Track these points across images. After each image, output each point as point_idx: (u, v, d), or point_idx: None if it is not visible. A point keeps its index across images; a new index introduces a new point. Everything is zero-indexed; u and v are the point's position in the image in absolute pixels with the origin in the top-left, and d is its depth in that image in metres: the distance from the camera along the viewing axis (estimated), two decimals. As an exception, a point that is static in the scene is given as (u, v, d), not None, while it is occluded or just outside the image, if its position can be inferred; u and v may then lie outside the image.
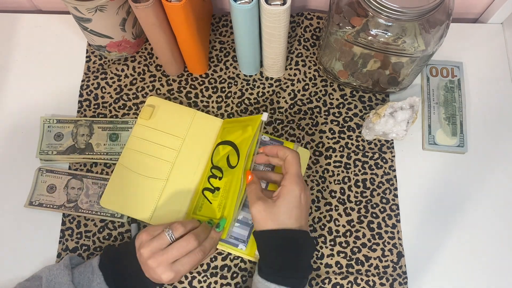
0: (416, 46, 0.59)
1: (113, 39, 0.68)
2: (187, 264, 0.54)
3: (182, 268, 0.54)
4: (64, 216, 0.65)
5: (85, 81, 0.73)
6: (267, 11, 0.57)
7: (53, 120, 0.69)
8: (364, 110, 0.71)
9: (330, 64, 0.69)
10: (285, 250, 0.53)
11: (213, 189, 0.63)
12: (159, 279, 0.53)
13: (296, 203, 0.54)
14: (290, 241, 0.54)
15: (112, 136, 0.69)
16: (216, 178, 0.63)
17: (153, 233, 0.55)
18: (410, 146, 0.69)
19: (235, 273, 0.63)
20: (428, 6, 0.54)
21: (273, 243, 0.54)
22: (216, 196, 0.62)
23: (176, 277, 0.54)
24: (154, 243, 0.54)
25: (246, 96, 0.72)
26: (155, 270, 0.53)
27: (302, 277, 0.54)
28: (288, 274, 0.53)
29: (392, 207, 0.66)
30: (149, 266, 0.53)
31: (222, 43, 0.75)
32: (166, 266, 0.53)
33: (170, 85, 0.72)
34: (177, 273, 0.53)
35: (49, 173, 0.67)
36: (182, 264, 0.54)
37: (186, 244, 0.54)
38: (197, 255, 0.54)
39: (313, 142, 0.69)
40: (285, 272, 0.53)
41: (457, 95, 0.71)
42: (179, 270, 0.53)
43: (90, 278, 0.55)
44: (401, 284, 0.62)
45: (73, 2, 0.60)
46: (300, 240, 0.54)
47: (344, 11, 0.60)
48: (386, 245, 0.64)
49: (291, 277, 0.53)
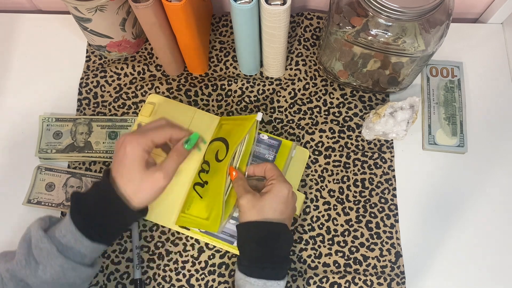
0: (416, 46, 0.59)
1: (113, 39, 0.68)
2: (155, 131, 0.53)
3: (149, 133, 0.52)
4: (63, 214, 0.66)
5: (85, 79, 0.73)
6: (267, 11, 0.57)
7: (52, 118, 0.69)
8: (364, 110, 0.71)
9: (330, 64, 0.69)
10: (265, 241, 0.54)
11: (202, 183, 0.63)
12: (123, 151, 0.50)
13: (283, 200, 0.55)
14: (271, 233, 0.55)
15: (111, 134, 0.69)
16: (205, 172, 0.64)
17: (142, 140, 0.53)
18: (410, 146, 0.69)
19: (233, 271, 0.63)
20: (428, 6, 0.54)
21: (255, 234, 0.54)
22: (206, 190, 0.62)
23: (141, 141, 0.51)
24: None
25: (246, 94, 0.72)
26: (123, 141, 0.51)
27: (279, 268, 0.55)
28: (266, 265, 0.54)
29: (391, 207, 0.66)
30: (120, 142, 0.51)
31: (222, 43, 0.75)
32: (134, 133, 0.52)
33: (170, 84, 0.72)
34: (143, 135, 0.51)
35: (48, 171, 0.67)
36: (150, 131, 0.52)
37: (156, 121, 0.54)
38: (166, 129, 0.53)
39: (312, 141, 0.69)
40: (263, 263, 0.54)
41: (457, 95, 0.71)
42: (146, 134, 0.52)
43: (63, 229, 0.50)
44: (399, 284, 0.62)
45: (73, 2, 0.60)
46: (280, 232, 0.55)
47: (344, 11, 0.60)
48: (384, 244, 0.64)
49: (269, 268, 0.53)
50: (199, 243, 0.64)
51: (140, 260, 0.63)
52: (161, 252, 0.64)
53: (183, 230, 0.64)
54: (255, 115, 0.61)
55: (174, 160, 0.53)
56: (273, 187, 0.56)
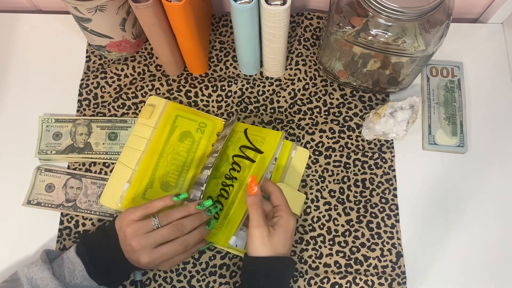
0: (416, 46, 0.59)
1: (113, 39, 0.68)
2: (166, 251, 0.55)
3: (160, 254, 0.55)
4: (62, 215, 0.65)
5: (85, 80, 0.73)
6: (267, 11, 0.57)
7: (51, 119, 0.69)
8: (364, 110, 0.71)
9: (330, 64, 0.69)
10: (273, 275, 0.55)
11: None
12: (137, 261, 0.54)
13: (290, 233, 0.57)
14: (280, 267, 0.56)
15: (111, 135, 0.69)
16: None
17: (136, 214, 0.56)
18: (410, 146, 0.69)
19: (234, 272, 0.63)
20: (428, 6, 0.54)
21: (265, 269, 0.55)
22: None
23: (152, 262, 0.55)
24: (139, 225, 0.55)
25: (246, 95, 0.72)
26: (135, 251, 0.54)
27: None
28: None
29: (392, 207, 0.66)
30: (131, 246, 0.54)
31: (222, 43, 0.75)
32: (146, 250, 0.54)
33: (170, 85, 0.72)
34: (155, 258, 0.54)
35: (47, 172, 0.67)
36: (162, 251, 0.55)
37: (170, 232, 0.55)
38: (178, 246, 0.55)
39: (313, 141, 0.69)
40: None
41: (457, 95, 0.71)
42: (158, 256, 0.55)
43: (71, 268, 0.55)
44: (400, 284, 0.62)
45: (73, 2, 0.60)
46: (288, 265, 0.57)
47: (344, 11, 0.60)
48: (385, 245, 0.64)
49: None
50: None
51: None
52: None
53: None
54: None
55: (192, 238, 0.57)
56: (282, 220, 0.57)
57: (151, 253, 0.54)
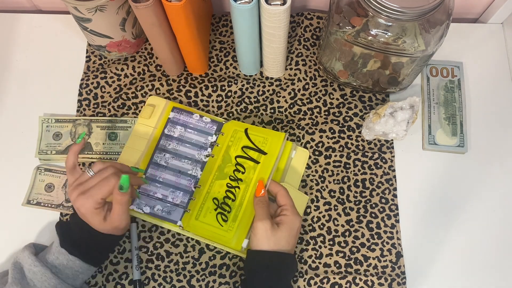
0: (416, 46, 0.59)
1: (113, 39, 0.68)
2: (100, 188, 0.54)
3: (95, 192, 0.54)
4: (62, 215, 0.65)
5: (85, 80, 0.73)
6: (267, 11, 0.57)
7: (51, 119, 0.69)
8: (364, 110, 0.71)
9: (330, 64, 0.69)
10: (276, 270, 0.55)
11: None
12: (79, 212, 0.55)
13: (295, 232, 0.57)
14: (283, 263, 0.56)
15: (111, 135, 0.69)
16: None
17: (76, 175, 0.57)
18: (410, 146, 0.69)
19: (234, 272, 0.63)
20: (428, 6, 0.54)
21: (269, 263, 0.55)
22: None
23: (90, 203, 0.54)
24: (76, 180, 0.56)
25: (246, 95, 0.72)
26: (75, 202, 0.54)
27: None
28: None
29: (391, 207, 0.66)
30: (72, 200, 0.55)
31: (222, 43, 0.75)
32: (82, 194, 0.54)
33: (170, 85, 0.72)
34: (90, 196, 0.54)
35: (47, 172, 0.67)
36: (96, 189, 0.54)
37: (102, 172, 0.55)
38: (111, 180, 0.54)
39: (313, 141, 0.69)
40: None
41: (457, 95, 0.71)
42: (92, 194, 0.54)
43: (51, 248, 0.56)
44: (400, 284, 0.62)
45: (73, 2, 0.60)
46: (290, 263, 0.57)
47: (344, 11, 0.60)
48: (385, 245, 0.64)
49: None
50: (200, 244, 0.64)
51: (139, 261, 0.63)
52: (160, 253, 0.64)
53: (184, 231, 0.63)
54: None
55: (117, 213, 0.55)
56: (287, 219, 0.57)
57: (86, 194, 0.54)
